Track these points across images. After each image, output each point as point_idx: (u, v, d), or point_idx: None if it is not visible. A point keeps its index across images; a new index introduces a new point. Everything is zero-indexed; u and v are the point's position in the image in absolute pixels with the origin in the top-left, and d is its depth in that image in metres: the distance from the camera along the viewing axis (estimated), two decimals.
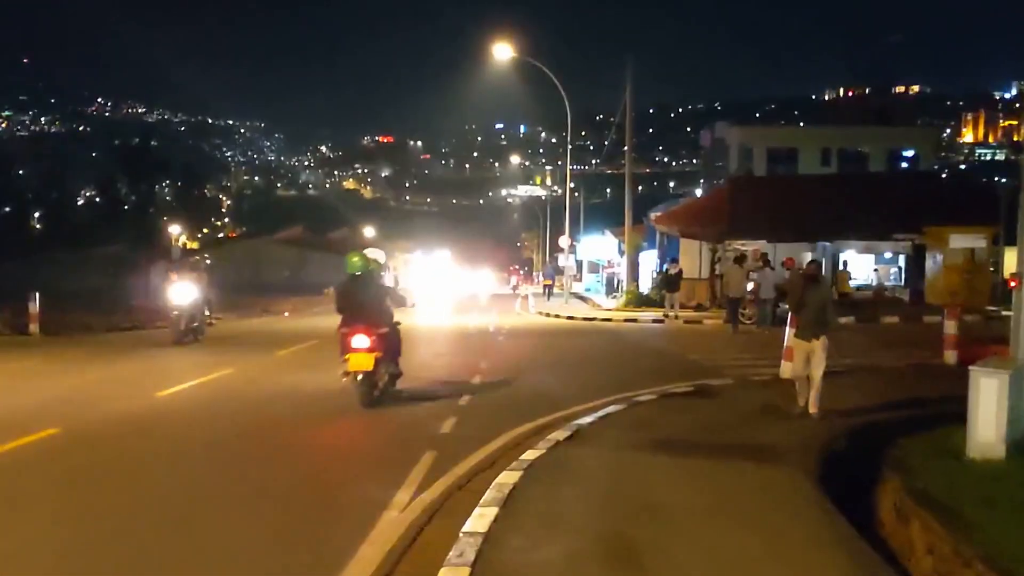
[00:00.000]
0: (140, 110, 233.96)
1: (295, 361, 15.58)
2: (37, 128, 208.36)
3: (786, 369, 12.35)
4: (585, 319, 27.28)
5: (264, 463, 7.72)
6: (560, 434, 8.37)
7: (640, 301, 31.21)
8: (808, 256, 27.21)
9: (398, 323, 10.98)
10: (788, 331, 12.43)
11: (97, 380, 13.29)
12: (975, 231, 24.31)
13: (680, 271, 26.64)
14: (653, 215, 37.48)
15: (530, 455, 7.54)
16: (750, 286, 23.06)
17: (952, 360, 13.73)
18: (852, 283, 29.37)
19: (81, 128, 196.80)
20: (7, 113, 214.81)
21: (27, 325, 19.45)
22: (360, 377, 10.13)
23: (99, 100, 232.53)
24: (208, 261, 22.44)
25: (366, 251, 10.84)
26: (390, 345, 10.51)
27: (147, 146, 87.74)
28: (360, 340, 10.09)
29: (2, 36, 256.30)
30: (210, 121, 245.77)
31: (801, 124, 72.19)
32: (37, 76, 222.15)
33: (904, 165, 46.01)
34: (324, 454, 8.25)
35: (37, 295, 19.31)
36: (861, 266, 31.94)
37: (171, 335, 18.14)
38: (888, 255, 31.43)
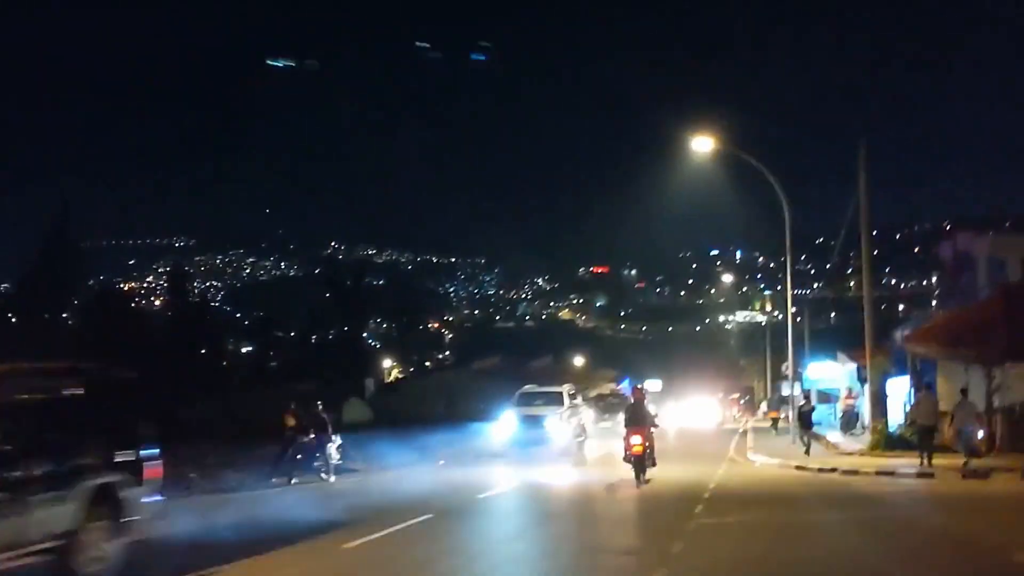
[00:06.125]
0: (370, 252, 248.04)
1: (355, 564, 10.03)
2: (277, 273, 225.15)
3: None
4: (820, 470, 21.00)
5: None
6: None
7: (889, 443, 24.80)
8: None
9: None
10: None
11: None
12: None
13: (812, 407, 27.05)
14: (901, 334, 30.74)
15: None
16: None
17: None
18: None
19: (317, 271, 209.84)
20: (251, 260, 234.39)
21: None
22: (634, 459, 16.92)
23: (333, 244, 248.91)
24: (320, 405, 21.85)
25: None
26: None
27: (359, 284, 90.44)
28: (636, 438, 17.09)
29: (246, 192, 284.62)
30: (434, 260, 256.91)
31: None
32: (277, 224, 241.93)
33: None
34: None
35: None
36: None
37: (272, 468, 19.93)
38: None
